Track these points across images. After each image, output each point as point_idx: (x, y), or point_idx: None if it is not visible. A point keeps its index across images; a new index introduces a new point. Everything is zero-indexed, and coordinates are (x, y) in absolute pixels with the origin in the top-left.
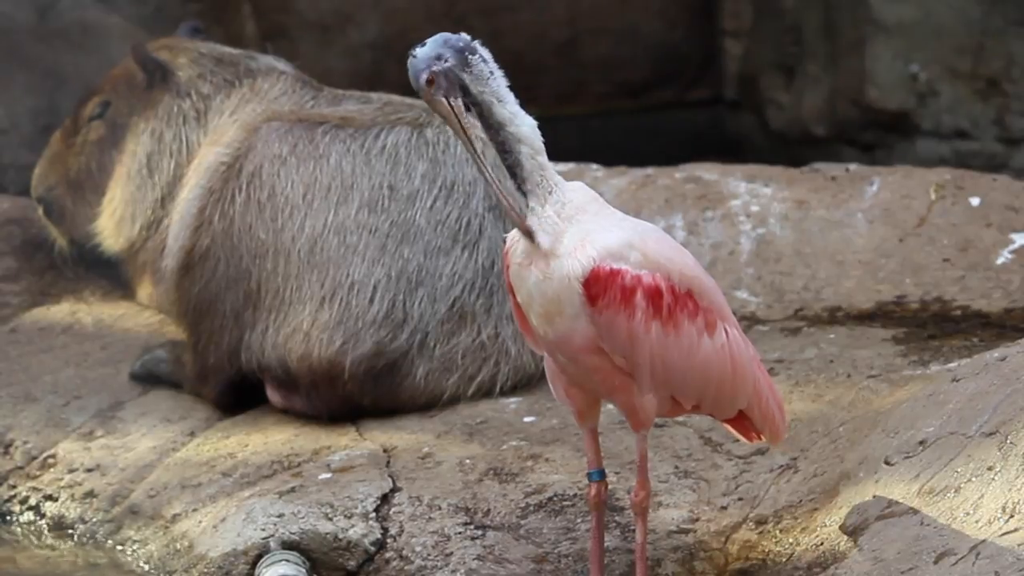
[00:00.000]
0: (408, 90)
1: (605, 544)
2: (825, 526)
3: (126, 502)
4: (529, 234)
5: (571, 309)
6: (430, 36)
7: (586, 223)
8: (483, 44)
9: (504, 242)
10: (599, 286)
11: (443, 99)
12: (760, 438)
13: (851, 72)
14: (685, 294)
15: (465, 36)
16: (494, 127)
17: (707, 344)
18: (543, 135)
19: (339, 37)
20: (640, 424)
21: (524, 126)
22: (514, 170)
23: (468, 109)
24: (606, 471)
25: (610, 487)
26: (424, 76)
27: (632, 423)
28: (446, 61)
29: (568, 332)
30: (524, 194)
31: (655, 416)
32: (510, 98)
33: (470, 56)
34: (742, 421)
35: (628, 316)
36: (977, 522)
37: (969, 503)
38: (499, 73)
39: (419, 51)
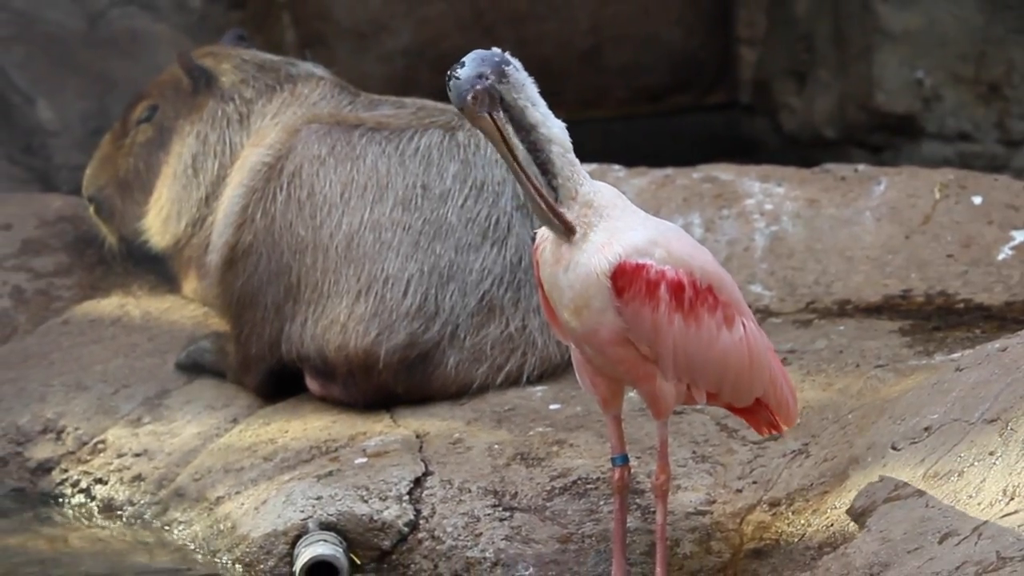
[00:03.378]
0: (440, 95)
1: (627, 525)
2: (835, 508)
3: (172, 485)
4: (569, 227)
5: (599, 303)
6: (458, 42)
7: (613, 220)
8: (511, 53)
9: (532, 240)
10: (625, 279)
11: (487, 115)
12: (770, 431)
13: (860, 78)
14: (706, 289)
15: (497, 50)
16: (526, 128)
17: (726, 336)
18: (569, 138)
19: (374, 44)
20: (661, 412)
21: (555, 127)
22: (545, 167)
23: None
24: (628, 456)
25: (632, 471)
26: (469, 96)
27: (654, 411)
28: (487, 79)
29: (596, 325)
30: (555, 189)
31: (676, 404)
32: (541, 102)
33: (506, 68)
34: (754, 414)
35: (653, 308)
36: (979, 504)
37: (972, 486)
38: (530, 80)
39: (460, 72)
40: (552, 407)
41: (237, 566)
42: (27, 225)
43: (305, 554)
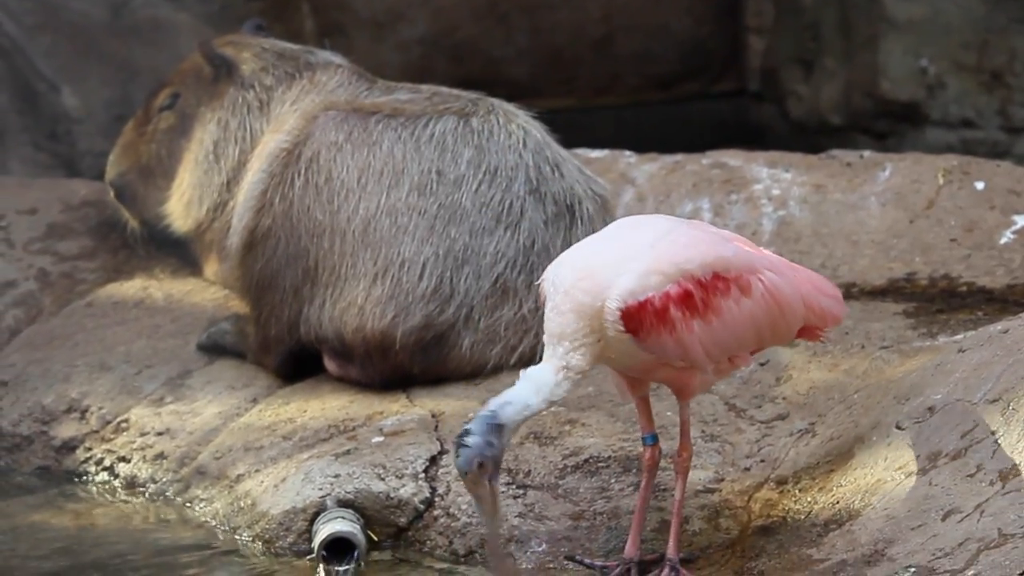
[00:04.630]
0: (455, 83)
1: (648, 504)
2: (841, 486)
3: (194, 463)
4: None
5: (624, 348)
6: (472, 31)
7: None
8: (525, 42)
9: (543, 225)
10: (634, 321)
11: (487, 482)
12: (822, 334)
13: (865, 66)
14: (712, 278)
15: (493, 409)
16: None
17: (747, 305)
18: (581, 125)
19: (391, 33)
20: (688, 396)
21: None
22: None
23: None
24: (639, 436)
25: (639, 453)
26: (476, 463)
27: (681, 395)
28: (493, 446)
29: (629, 363)
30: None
31: (710, 385)
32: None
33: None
34: (800, 334)
35: (670, 331)
36: (981, 483)
37: (974, 465)
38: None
39: (470, 440)
40: None
41: (257, 542)
42: (52, 210)
43: (323, 531)
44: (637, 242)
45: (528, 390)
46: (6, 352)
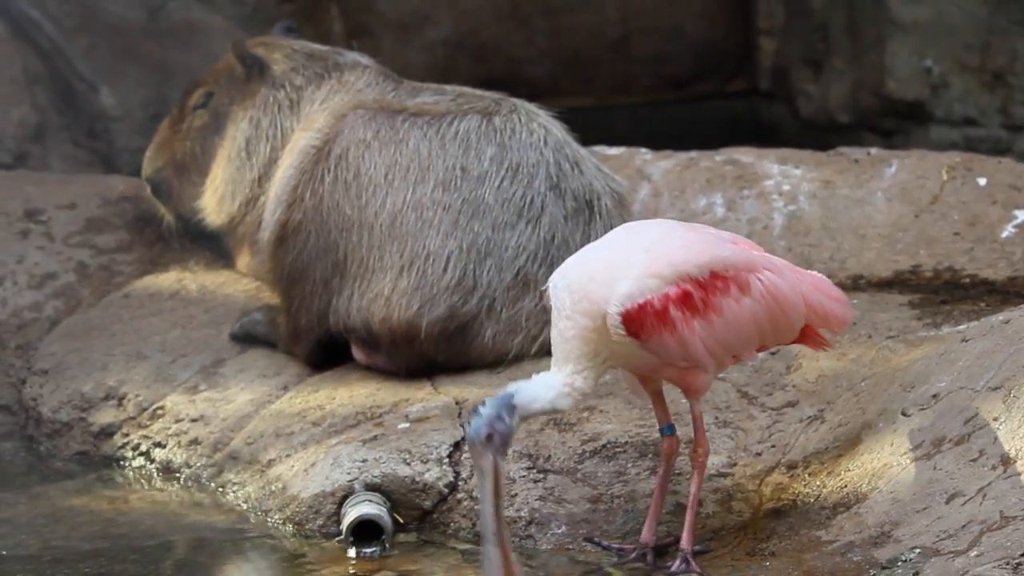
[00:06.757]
0: (478, 83)
1: (667, 491)
2: (849, 470)
3: (227, 449)
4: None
5: (628, 351)
6: (495, 32)
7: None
8: (545, 43)
9: (563, 220)
10: (634, 324)
11: (491, 456)
12: (827, 345)
13: (872, 66)
14: (710, 278)
15: (509, 391)
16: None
17: (747, 304)
18: (599, 123)
19: (417, 35)
20: (697, 393)
21: None
22: None
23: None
24: (655, 422)
25: (658, 436)
26: (485, 432)
27: (690, 394)
28: (503, 421)
29: (639, 366)
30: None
31: (712, 382)
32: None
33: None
34: (804, 337)
35: (670, 331)
36: (983, 467)
37: (977, 450)
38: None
39: (483, 411)
40: None
41: (288, 525)
42: (91, 204)
43: (351, 513)
44: (632, 249)
45: (540, 388)
46: (46, 342)
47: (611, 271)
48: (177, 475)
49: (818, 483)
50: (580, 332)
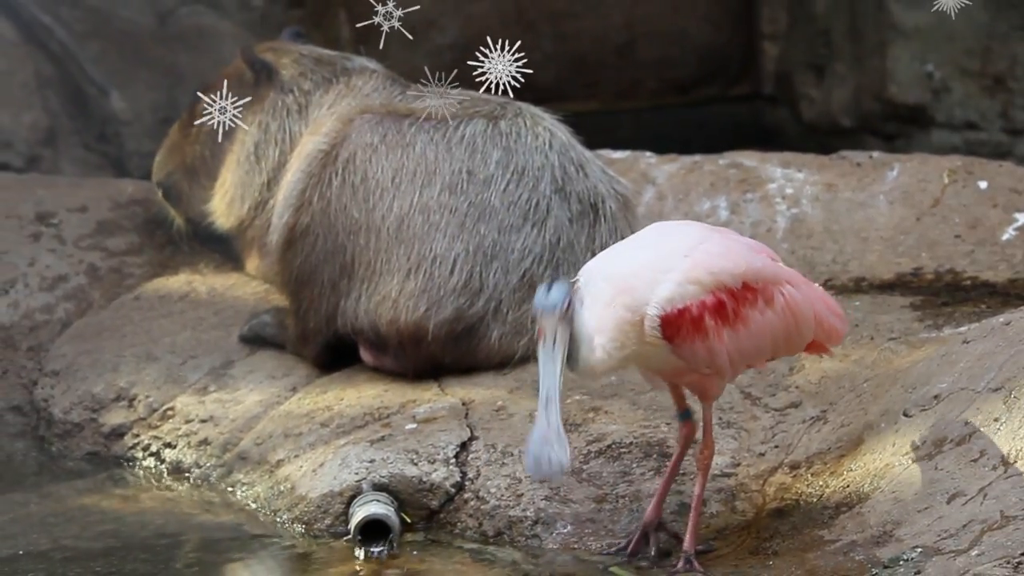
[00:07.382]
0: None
1: (654, 487)
2: (851, 470)
3: (236, 449)
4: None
5: (658, 355)
6: (501, 37)
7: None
8: (551, 48)
9: (568, 223)
10: (671, 328)
11: (567, 325)
12: (827, 351)
13: (874, 71)
14: (743, 288)
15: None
16: None
17: (770, 316)
18: (604, 127)
19: (423, 40)
20: (710, 398)
21: None
22: None
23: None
24: (659, 423)
25: (662, 436)
26: (566, 303)
27: (702, 399)
28: (569, 299)
29: (660, 368)
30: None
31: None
32: None
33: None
34: (806, 349)
35: (703, 339)
36: (984, 467)
37: (977, 450)
38: None
39: (559, 286)
40: None
41: (296, 524)
42: (101, 208)
43: (359, 513)
44: (671, 251)
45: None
46: (58, 343)
47: (652, 271)
48: (187, 475)
49: (821, 483)
50: (618, 322)
